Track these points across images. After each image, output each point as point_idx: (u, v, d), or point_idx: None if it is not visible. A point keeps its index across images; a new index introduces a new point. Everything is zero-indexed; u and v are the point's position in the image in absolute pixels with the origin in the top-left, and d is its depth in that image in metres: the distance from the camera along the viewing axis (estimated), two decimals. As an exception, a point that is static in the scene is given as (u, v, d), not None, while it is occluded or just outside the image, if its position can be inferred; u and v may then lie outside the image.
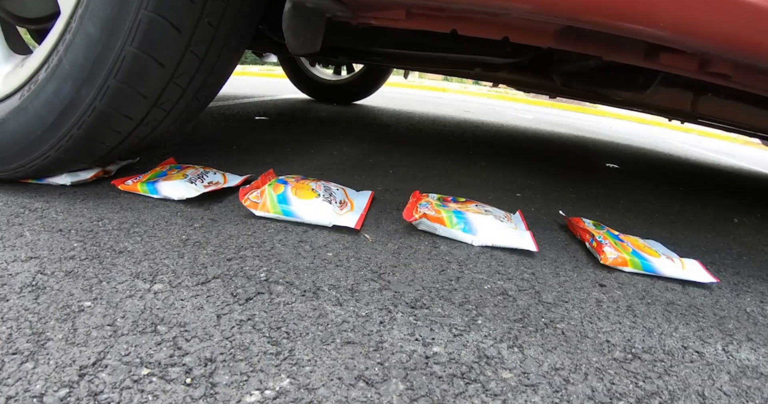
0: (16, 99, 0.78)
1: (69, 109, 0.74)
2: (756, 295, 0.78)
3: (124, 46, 0.70)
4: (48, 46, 0.75)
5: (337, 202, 0.89)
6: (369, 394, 0.44)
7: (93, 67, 0.71)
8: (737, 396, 0.50)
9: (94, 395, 0.40)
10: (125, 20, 0.68)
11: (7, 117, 0.78)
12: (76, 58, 0.71)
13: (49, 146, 0.79)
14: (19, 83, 0.78)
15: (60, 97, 0.74)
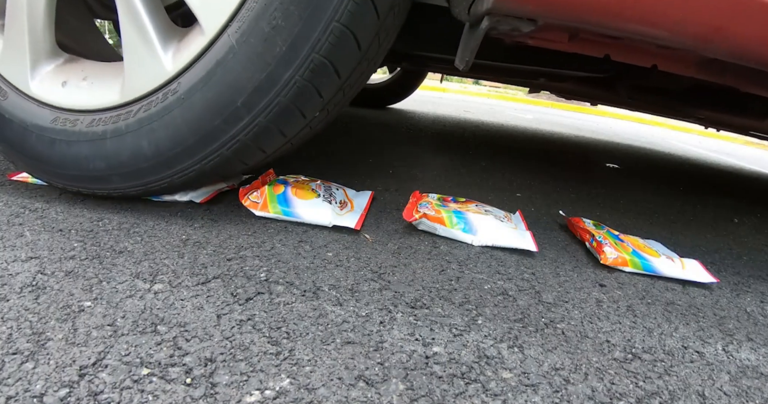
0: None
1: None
2: (756, 295, 0.78)
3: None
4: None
5: (338, 202, 0.89)
6: (369, 394, 0.44)
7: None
8: (737, 396, 0.50)
9: (94, 395, 0.40)
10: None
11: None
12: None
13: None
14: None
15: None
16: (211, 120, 0.71)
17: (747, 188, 2.20)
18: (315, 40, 0.68)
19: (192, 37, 0.73)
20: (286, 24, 0.67)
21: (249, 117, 0.72)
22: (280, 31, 0.67)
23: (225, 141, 0.73)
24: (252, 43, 0.68)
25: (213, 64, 0.70)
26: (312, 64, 0.69)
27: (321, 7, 0.66)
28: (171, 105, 0.72)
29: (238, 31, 0.68)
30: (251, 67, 0.69)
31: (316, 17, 0.67)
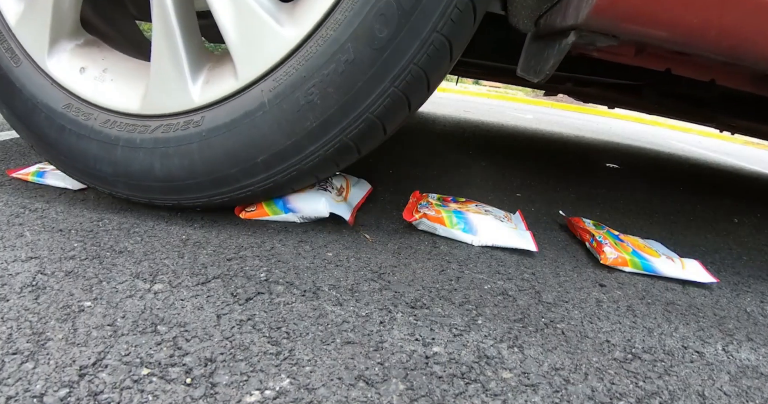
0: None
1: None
2: (756, 295, 0.78)
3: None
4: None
5: (335, 188, 0.88)
6: (369, 394, 0.44)
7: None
8: (737, 396, 0.50)
9: (94, 395, 0.40)
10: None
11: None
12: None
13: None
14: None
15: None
16: (228, 167, 0.71)
17: (747, 188, 2.20)
18: (345, 126, 0.68)
19: (223, 74, 0.71)
20: (321, 103, 0.66)
21: (265, 175, 0.72)
22: (314, 108, 0.67)
23: (236, 188, 0.73)
24: (284, 109, 0.67)
25: (240, 114, 0.69)
26: (338, 145, 0.69)
27: (358, 100, 0.66)
28: (191, 137, 0.71)
29: (272, 90, 0.67)
30: (278, 131, 0.68)
31: (352, 106, 0.66)
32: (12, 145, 1.35)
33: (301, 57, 0.66)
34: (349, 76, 0.65)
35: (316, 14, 0.65)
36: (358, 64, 0.64)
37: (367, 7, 0.62)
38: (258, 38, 0.67)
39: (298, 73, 0.66)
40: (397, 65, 0.65)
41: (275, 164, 0.70)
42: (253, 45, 0.67)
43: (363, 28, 0.63)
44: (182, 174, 0.72)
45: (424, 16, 0.63)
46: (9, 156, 1.19)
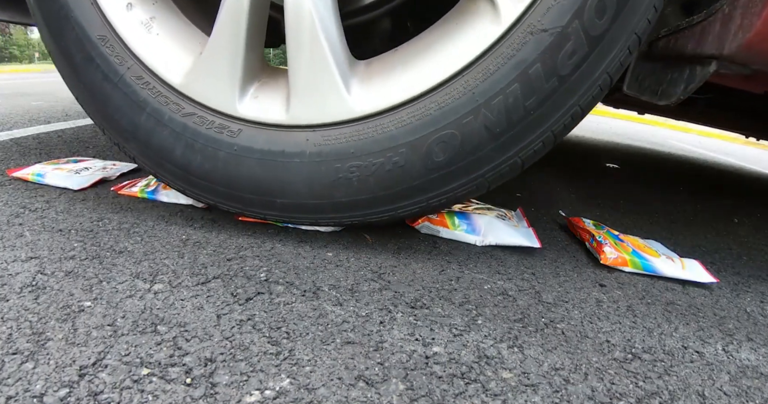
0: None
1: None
2: (756, 295, 0.78)
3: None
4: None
5: None
6: (369, 394, 0.44)
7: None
8: (737, 396, 0.50)
9: (94, 395, 0.40)
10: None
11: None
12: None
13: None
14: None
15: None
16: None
17: (747, 188, 2.20)
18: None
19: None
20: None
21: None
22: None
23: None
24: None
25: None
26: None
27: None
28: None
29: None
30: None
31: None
32: (12, 145, 1.35)
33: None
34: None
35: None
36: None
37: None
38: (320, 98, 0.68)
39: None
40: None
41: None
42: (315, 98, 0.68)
43: (472, 134, 0.65)
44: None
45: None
46: (9, 156, 1.19)
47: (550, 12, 0.60)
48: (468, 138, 0.65)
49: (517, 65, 0.62)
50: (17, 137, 1.46)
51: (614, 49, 0.62)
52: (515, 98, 0.63)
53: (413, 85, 0.66)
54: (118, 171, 1.04)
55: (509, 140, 0.66)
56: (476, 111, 0.64)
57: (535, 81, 0.62)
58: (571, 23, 0.60)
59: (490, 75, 0.63)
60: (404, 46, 0.73)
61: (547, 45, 0.61)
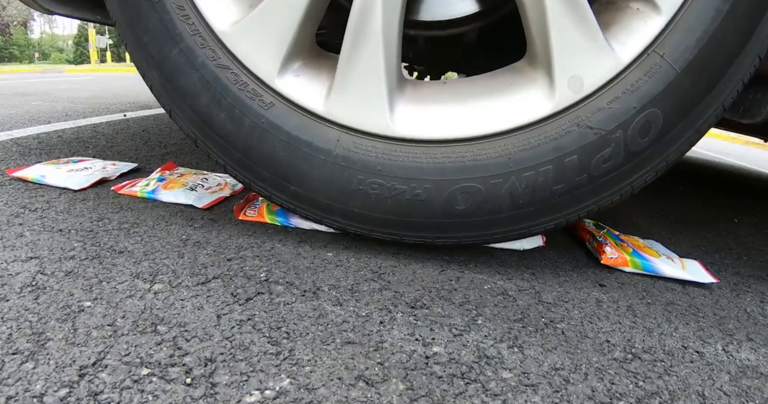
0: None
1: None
2: (756, 295, 0.78)
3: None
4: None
5: None
6: (369, 394, 0.44)
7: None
8: (737, 396, 0.50)
9: (94, 395, 0.40)
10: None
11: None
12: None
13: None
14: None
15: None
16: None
17: (747, 188, 2.20)
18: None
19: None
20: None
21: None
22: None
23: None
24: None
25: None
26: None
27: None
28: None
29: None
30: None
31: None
32: (12, 145, 1.35)
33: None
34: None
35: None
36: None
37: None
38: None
39: None
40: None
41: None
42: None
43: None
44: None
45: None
46: (9, 156, 1.19)
47: (599, 113, 0.63)
48: (491, 198, 0.67)
49: (557, 149, 0.64)
50: (17, 137, 1.46)
51: (646, 167, 0.65)
52: (545, 179, 0.65)
53: (455, 127, 0.66)
54: (118, 171, 1.04)
55: (526, 214, 0.68)
56: (507, 176, 0.65)
57: (567, 170, 0.65)
58: (615, 131, 0.63)
59: (529, 148, 0.65)
60: (456, 83, 0.72)
61: (589, 142, 0.63)
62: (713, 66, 0.62)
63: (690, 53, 0.61)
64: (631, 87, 0.62)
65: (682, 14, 0.61)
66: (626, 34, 0.63)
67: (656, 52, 0.61)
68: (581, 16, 0.61)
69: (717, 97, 0.64)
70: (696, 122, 0.64)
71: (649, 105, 0.62)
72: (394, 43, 0.65)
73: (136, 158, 1.26)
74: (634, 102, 0.62)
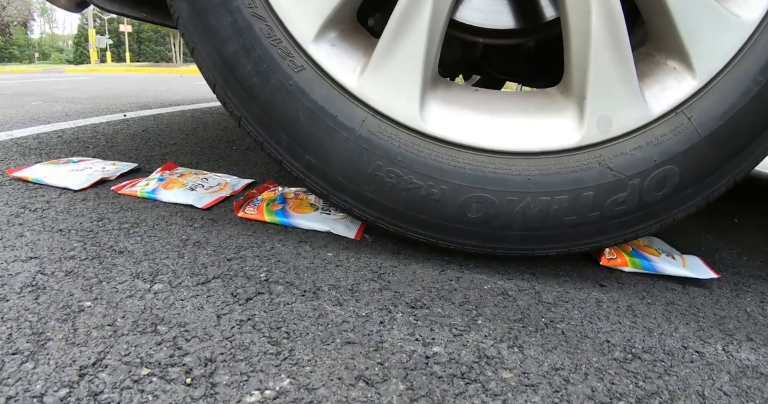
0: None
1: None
2: (756, 295, 0.78)
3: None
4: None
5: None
6: (369, 394, 0.44)
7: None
8: (737, 396, 0.50)
9: (94, 395, 0.40)
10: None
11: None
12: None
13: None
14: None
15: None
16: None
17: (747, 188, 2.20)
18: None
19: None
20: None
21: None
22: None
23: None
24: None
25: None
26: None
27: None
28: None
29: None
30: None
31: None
32: (12, 145, 1.35)
33: None
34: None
35: None
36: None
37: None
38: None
39: None
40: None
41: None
42: None
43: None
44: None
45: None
46: (9, 156, 1.19)
47: (621, 157, 0.64)
48: (504, 214, 0.67)
49: (575, 182, 0.65)
50: (17, 137, 1.46)
51: (653, 219, 0.68)
52: (559, 207, 0.66)
53: (481, 136, 0.66)
54: (118, 171, 1.04)
55: (533, 237, 0.68)
56: (523, 196, 0.66)
57: (581, 204, 0.66)
58: (633, 178, 0.64)
59: (549, 174, 0.65)
60: (488, 93, 0.72)
61: (606, 182, 0.65)
62: (735, 140, 0.64)
63: (715, 123, 0.63)
64: (655, 140, 0.64)
65: (715, 84, 0.63)
66: (659, 89, 0.64)
67: (684, 113, 0.63)
68: (623, 60, 0.61)
69: (731, 170, 0.66)
70: (707, 188, 0.67)
71: (669, 161, 0.64)
72: (436, 39, 0.65)
73: (136, 158, 1.26)
74: (655, 155, 0.64)
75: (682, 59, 0.63)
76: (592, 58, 0.61)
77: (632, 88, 0.62)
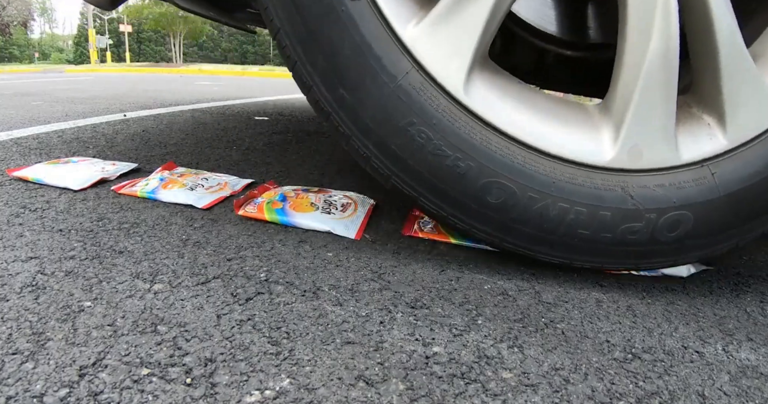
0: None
1: None
2: (756, 295, 0.78)
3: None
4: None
5: (339, 207, 0.88)
6: (369, 394, 0.44)
7: None
8: (737, 396, 0.50)
9: (94, 395, 0.40)
10: None
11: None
12: None
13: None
14: None
15: None
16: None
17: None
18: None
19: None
20: None
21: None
22: None
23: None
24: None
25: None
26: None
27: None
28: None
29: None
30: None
31: None
32: (12, 145, 1.35)
33: None
34: None
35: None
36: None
37: None
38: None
39: None
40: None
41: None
42: None
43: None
44: None
45: None
46: (9, 156, 1.19)
47: (643, 190, 0.65)
48: (521, 208, 0.67)
49: (596, 198, 0.66)
50: (17, 137, 1.46)
51: (656, 258, 0.70)
52: (575, 218, 0.67)
53: (517, 126, 0.66)
54: (118, 171, 1.04)
55: (543, 240, 0.69)
56: (544, 196, 0.66)
57: (597, 222, 0.66)
58: (650, 212, 0.65)
59: (573, 184, 0.66)
60: (531, 89, 0.72)
61: (625, 208, 0.66)
62: (752, 206, 0.66)
63: (736, 185, 0.65)
64: (677, 184, 0.65)
65: (744, 150, 0.64)
66: (691, 139, 0.66)
67: (709, 168, 0.65)
68: (667, 99, 0.62)
69: (742, 233, 0.68)
70: (715, 243, 0.69)
71: (687, 207, 0.65)
72: (497, 18, 0.65)
73: (136, 158, 1.26)
74: (675, 197, 0.65)
75: (719, 119, 0.65)
76: (639, 89, 0.62)
77: (668, 129, 0.64)
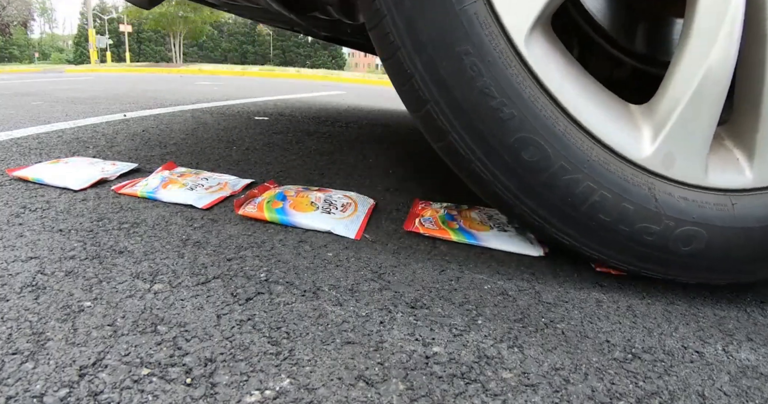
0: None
1: None
2: (756, 295, 0.78)
3: None
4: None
5: (339, 207, 0.88)
6: (369, 394, 0.44)
7: None
8: (737, 396, 0.50)
9: (94, 395, 0.40)
10: None
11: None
12: None
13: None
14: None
15: None
16: None
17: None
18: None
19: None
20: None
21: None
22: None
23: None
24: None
25: None
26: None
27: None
28: None
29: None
30: None
31: None
32: (12, 145, 1.35)
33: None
34: None
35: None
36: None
37: None
38: None
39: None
40: None
41: None
42: None
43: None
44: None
45: None
46: (9, 156, 1.19)
47: (667, 196, 0.66)
48: (550, 173, 0.66)
49: (622, 189, 0.66)
50: (17, 137, 1.46)
51: (662, 267, 0.70)
52: (600, 202, 0.67)
53: (565, 96, 0.66)
54: (118, 171, 1.04)
55: (564, 215, 0.69)
56: (576, 170, 0.66)
57: (618, 211, 0.67)
58: (670, 219, 0.66)
59: (605, 167, 0.66)
60: (584, 73, 0.73)
61: (648, 206, 0.66)
62: (763, 248, 0.67)
63: (753, 223, 0.66)
64: (700, 202, 0.66)
65: (766, 193, 0.65)
66: (720, 169, 0.67)
67: (731, 198, 0.65)
68: (710, 118, 0.63)
69: (743, 271, 0.69)
70: (718, 271, 0.69)
71: (705, 226, 0.66)
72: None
73: (136, 158, 1.26)
74: (695, 214, 0.66)
75: (748, 157, 0.66)
76: (689, 98, 0.63)
77: (703, 148, 0.65)
